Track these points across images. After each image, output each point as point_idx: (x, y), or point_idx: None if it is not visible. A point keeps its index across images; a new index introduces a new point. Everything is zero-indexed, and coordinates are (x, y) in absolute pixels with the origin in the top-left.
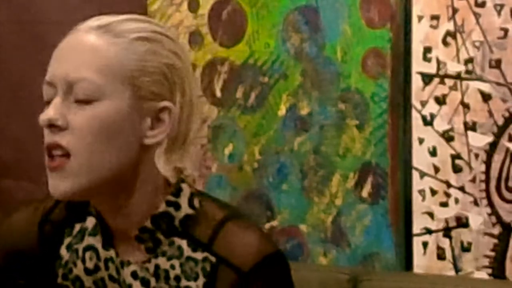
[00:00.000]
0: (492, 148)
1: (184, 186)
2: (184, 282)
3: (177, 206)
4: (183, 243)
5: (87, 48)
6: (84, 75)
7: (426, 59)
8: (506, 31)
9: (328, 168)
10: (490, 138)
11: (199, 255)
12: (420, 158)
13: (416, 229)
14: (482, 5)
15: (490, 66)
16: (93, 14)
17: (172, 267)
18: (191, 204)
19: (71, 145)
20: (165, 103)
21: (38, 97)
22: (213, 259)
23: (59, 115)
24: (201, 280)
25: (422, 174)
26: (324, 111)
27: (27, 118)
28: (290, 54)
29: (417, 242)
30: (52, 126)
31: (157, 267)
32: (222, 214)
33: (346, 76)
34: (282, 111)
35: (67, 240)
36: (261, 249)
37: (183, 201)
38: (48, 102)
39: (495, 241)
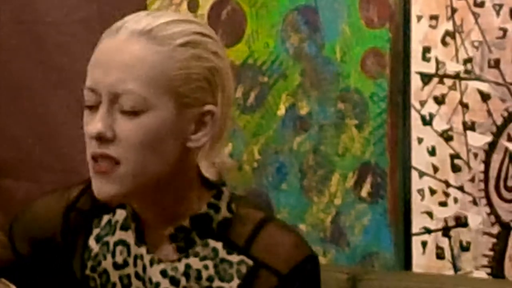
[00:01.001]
0: (491, 147)
1: (224, 189)
2: (217, 283)
3: (217, 209)
4: (219, 245)
5: (132, 58)
6: (130, 87)
7: (425, 59)
8: (505, 31)
9: (327, 168)
10: (489, 138)
11: (234, 258)
12: (419, 157)
13: (415, 228)
14: (481, 5)
15: (489, 66)
16: (93, 14)
17: (206, 267)
18: (229, 208)
19: (119, 155)
20: (209, 107)
21: (38, 97)
22: (250, 262)
23: (107, 127)
24: (235, 282)
25: (421, 174)
26: (323, 111)
27: (27, 118)
28: (289, 54)
29: (416, 242)
30: (100, 138)
31: (187, 266)
32: (259, 216)
33: (345, 76)
34: (281, 110)
35: (95, 231)
36: (299, 251)
37: (223, 204)
38: (89, 107)
39: (494, 240)
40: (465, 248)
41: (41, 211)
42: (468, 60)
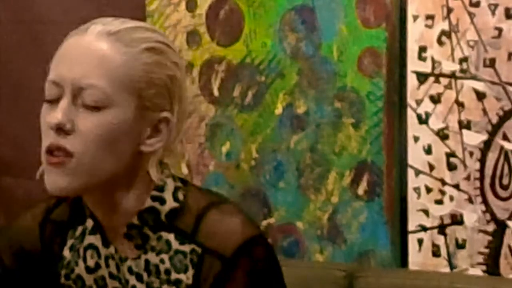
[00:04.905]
0: (486, 146)
1: (168, 180)
2: (174, 275)
3: (162, 201)
4: (171, 237)
5: (99, 54)
6: (94, 82)
7: (421, 58)
8: (500, 30)
9: (324, 166)
10: (484, 137)
11: (186, 248)
12: (415, 156)
13: (411, 226)
14: (477, 4)
15: (485, 65)
16: (93, 14)
17: (162, 261)
18: (175, 198)
19: (74, 149)
20: (165, 114)
21: (38, 96)
22: (199, 250)
23: (67, 119)
24: (190, 272)
25: (417, 172)
26: (320, 110)
27: (27, 116)
28: (286, 53)
29: (412, 239)
30: (59, 129)
31: (147, 262)
32: (203, 203)
33: (342, 75)
34: (278, 109)
35: (70, 242)
36: (241, 233)
37: (168, 195)
38: (50, 101)
39: (490, 238)
40: (460, 245)
41: (22, 225)
42: (464, 60)
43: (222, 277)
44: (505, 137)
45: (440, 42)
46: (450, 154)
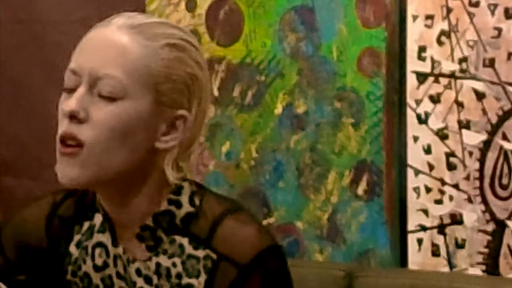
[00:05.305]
0: (486, 146)
1: (185, 184)
2: (185, 280)
3: (179, 204)
4: (185, 241)
5: (118, 46)
6: (111, 72)
7: (420, 58)
8: (499, 30)
9: (324, 166)
10: (484, 136)
11: (200, 253)
12: (414, 156)
13: (411, 226)
14: (476, 4)
15: (484, 65)
16: (93, 14)
17: (174, 265)
18: (191, 202)
19: (87, 139)
20: (182, 112)
21: (38, 96)
22: (214, 256)
23: (81, 107)
24: (202, 277)
25: (417, 172)
26: (320, 110)
27: (27, 116)
28: (286, 53)
29: (412, 239)
30: (72, 117)
31: (158, 265)
32: (219, 210)
33: (342, 75)
34: (278, 109)
35: (76, 238)
36: (258, 242)
37: (184, 199)
38: (68, 90)
39: (489, 238)
40: (460, 245)
41: (27, 218)
42: (463, 59)
43: (237, 285)
44: (504, 137)
45: (439, 42)
46: (450, 154)
